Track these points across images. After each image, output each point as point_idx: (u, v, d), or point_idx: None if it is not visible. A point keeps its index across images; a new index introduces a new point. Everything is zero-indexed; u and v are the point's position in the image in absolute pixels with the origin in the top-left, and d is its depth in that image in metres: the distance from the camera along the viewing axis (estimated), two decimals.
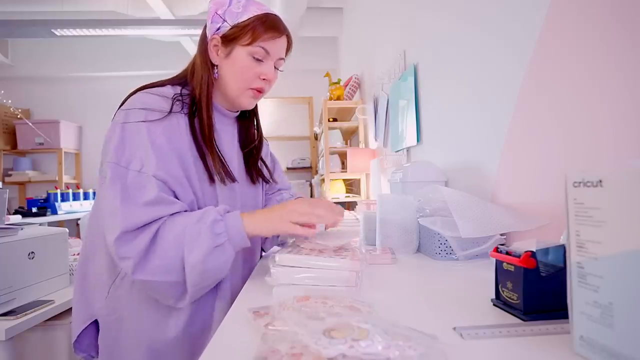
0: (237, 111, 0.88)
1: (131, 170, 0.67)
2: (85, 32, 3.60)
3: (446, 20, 1.25)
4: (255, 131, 0.93)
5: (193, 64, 0.82)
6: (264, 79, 0.81)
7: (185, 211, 0.70)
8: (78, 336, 0.75)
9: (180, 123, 0.75)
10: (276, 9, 3.11)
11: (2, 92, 3.79)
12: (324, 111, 3.03)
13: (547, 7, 0.73)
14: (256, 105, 0.91)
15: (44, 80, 4.42)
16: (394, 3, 1.90)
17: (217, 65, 0.80)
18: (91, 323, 0.75)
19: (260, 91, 0.82)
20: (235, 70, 0.79)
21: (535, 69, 0.78)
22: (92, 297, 0.75)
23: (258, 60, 0.79)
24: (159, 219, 0.65)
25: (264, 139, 0.98)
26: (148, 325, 0.72)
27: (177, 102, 0.76)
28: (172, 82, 0.82)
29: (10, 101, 3.86)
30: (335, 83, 3.04)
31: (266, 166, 0.94)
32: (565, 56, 0.69)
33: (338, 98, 2.98)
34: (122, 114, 0.72)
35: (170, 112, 0.74)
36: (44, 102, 4.41)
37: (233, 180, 0.79)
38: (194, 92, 0.79)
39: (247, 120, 0.92)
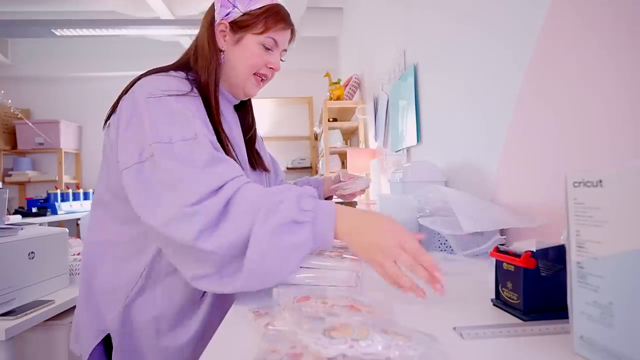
0: (238, 100, 0.88)
1: (176, 143, 0.60)
2: (85, 32, 3.60)
3: (446, 20, 1.25)
4: (251, 120, 0.94)
5: (196, 48, 0.81)
6: (270, 68, 0.82)
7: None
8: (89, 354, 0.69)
9: (200, 107, 0.71)
10: None
11: (2, 92, 3.79)
12: (324, 111, 3.03)
13: (546, 8, 0.73)
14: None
15: (44, 80, 4.42)
16: (394, 3, 1.90)
17: (223, 51, 0.80)
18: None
19: (264, 79, 0.84)
20: (245, 57, 0.79)
21: (534, 70, 0.78)
22: (102, 309, 0.69)
23: (267, 49, 0.80)
24: (229, 182, 0.57)
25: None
26: (166, 333, 0.68)
27: (194, 83, 0.74)
28: (174, 67, 0.79)
29: (10, 101, 3.86)
30: (335, 83, 3.04)
31: (259, 156, 0.93)
32: (564, 57, 0.69)
33: (338, 98, 2.98)
34: (140, 93, 0.65)
35: (191, 91, 0.71)
36: (44, 102, 4.41)
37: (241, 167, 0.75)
38: (200, 77, 0.77)
39: (244, 110, 0.92)
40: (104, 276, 0.71)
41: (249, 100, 0.92)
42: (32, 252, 1.25)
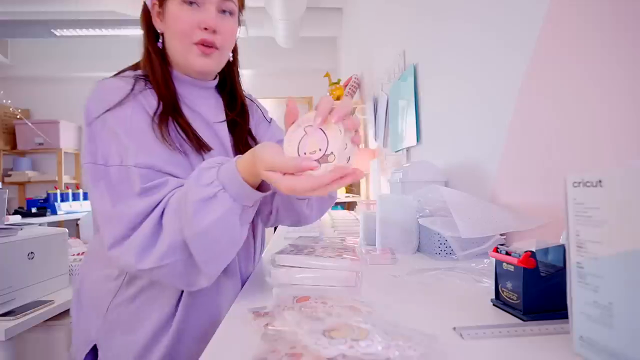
0: (214, 79, 0.77)
1: (112, 166, 0.59)
2: (85, 32, 3.61)
3: (446, 20, 1.25)
4: (236, 101, 0.80)
5: None
6: (205, 29, 0.67)
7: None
8: None
9: (151, 101, 0.66)
10: (276, 9, 3.11)
11: (2, 92, 3.79)
12: None
13: (547, 6, 0.73)
14: (234, 72, 0.80)
15: (44, 80, 4.42)
16: (394, 3, 1.90)
17: (162, 34, 0.71)
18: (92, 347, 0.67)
19: (208, 45, 0.68)
20: (172, 27, 0.68)
21: (535, 69, 0.78)
22: (89, 318, 0.68)
23: (192, 3, 0.66)
24: (160, 202, 0.56)
25: (257, 107, 0.87)
26: (146, 342, 0.64)
27: (140, 80, 0.67)
28: (131, 67, 0.74)
29: (10, 101, 3.87)
30: (335, 83, 3.05)
31: (253, 139, 0.81)
32: (565, 56, 0.69)
33: (338, 98, 2.98)
34: (84, 114, 0.64)
35: (134, 90, 0.65)
36: (44, 102, 4.42)
37: (207, 149, 0.68)
38: (144, 69, 0.70)
39: (231, 93, 0.81)
40: (91, 284, 0.70)
41: (232, 77, 0.80)
42: (32, 253, 1.25)
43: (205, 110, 0.73)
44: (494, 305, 0.51)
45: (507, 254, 0.49)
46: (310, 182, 0.46)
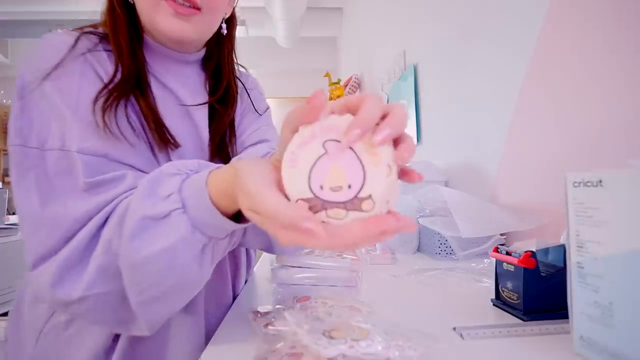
0: (200, 50, 0.61)
1: (49, 151, 0.43)
2: None
3: (446, 20, 1.25)
4: (220, 82, 0.62)
5: None
6: None
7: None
8: None
9: (107, 68, 0.51)
10: (276, 9, 3.11)
11: (2, 92, 3.78)
12: None
13: (547, 6, 0.73)
14: (224, 45, 0.63)
15: None
16: (394, 3, 1.90)
17: None
18: None
19: (181, 3, 0.51)
20: None
21: (535, 69, 0.78)
22: (23, 343, 0.52)
23: None
24: (107, 206, 0.42)
25: (247, 94, 0.68)
26: None
27: (90, 35, 0.52)
28: (93, 25, 0.56)
29: (10, 101, 3.86)
30: (335, 83, 3.05)
31: (233, 133, 0.63)
32: (566, 56, 0.69)
33: (338, 98, 2.98)
34: (17, 82, 0.49)
35: (76, 46, 0.49)
36: None
37: (174, 144, 0.52)
38: (105, 27, 0.54)
39: (217, 72, 0.63)
40: (28, 304, 0.54)
41: (220, 54, 0.63)
42: None
43: (181, 91, 0.57)
44: (494, 305, 0.51)
45: (508, 254, 0.49)
46: (326, 242, 0.27)
